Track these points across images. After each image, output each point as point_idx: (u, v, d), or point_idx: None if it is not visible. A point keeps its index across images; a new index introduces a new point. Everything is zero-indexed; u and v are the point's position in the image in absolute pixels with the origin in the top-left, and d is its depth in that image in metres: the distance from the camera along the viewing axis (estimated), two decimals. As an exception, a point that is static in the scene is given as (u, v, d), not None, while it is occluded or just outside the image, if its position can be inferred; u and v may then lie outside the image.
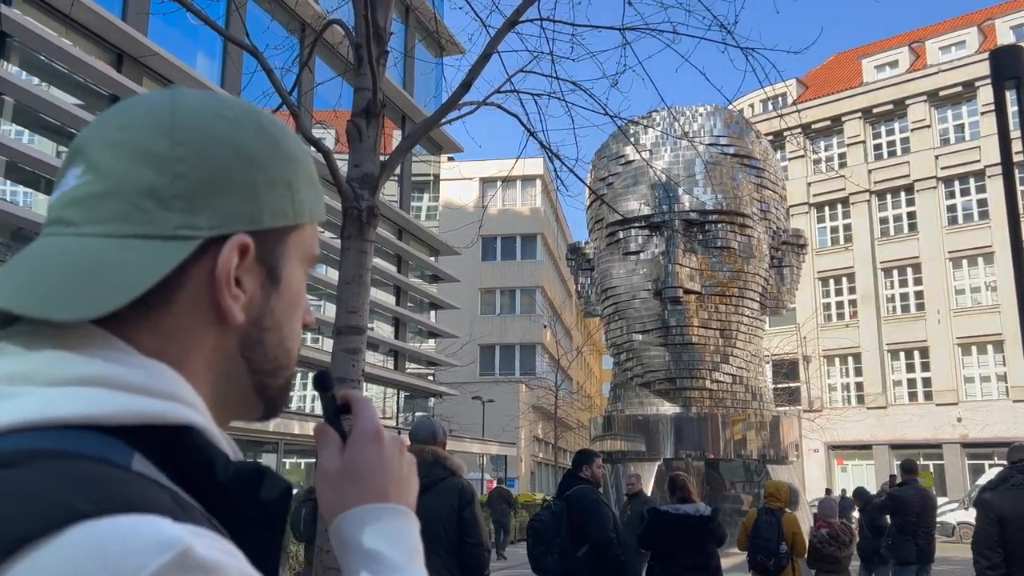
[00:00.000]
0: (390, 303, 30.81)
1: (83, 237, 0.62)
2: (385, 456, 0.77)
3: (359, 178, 6.41)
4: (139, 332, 0.63)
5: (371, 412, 0.79)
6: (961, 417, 33.80)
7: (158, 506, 0.51)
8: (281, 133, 0.72)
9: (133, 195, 0.63)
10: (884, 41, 43.18)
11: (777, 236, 15.91)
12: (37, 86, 16.93)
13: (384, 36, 6.73)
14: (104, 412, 0.57)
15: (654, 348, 15.07)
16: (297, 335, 0.75)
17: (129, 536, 0.48)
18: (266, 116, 0.72)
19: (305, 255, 0.75)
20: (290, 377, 0.74)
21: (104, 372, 0.59)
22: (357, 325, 6.22)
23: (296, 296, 0.74)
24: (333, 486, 0.76)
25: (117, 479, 0.52)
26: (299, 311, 0.75)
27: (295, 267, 0.73)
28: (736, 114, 15.85)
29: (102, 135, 0.66)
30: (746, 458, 15.26)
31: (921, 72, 37.36)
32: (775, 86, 7.50)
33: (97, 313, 0.58)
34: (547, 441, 45.75)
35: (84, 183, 0.64)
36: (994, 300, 34.09)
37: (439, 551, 4.46)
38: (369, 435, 0.77)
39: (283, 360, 0.73)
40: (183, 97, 0.68)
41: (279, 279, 0.71)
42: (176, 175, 0.63)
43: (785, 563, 7.26)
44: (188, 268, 0.64)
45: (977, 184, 35.84)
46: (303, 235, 0.74)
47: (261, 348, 0.70)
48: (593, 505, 5.80)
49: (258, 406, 0.73)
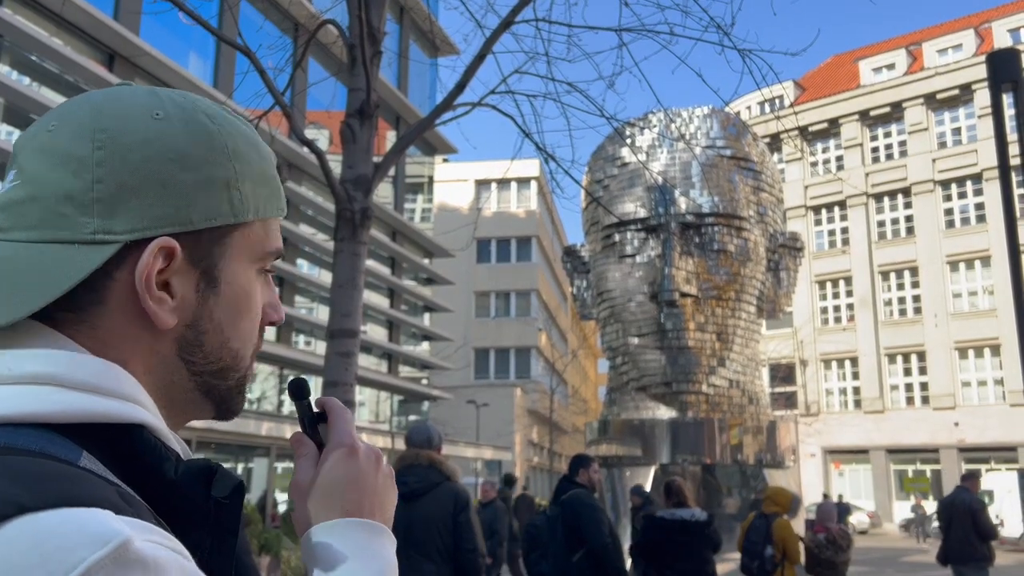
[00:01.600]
0: (384, 306, 30.71)
1: (10, 243, 0.63)
2: (360, 470, 0.75)
3: (352, 179, 6.33)
4: (79, 335, 0.64)
5: (346, 423, 0.78)
6: (958, 421, 33.77)
7: (101, 500, 0.51)
8: (220, 130, 0.70)
9: (52, 200, 0.63)
10: (881, 43, 43.23)
11: (774, 239, 15.86)
12: (28, 86, 16.82)
13: (378, 36, 6.65)
14: (52, 410, 0.58)
15: (650, 352, 14.99)
16: (247, 337, 0.73)
17: (68, 529, 0.48)
18: (206, 113, 0.70)
19: (255, 253, 0.73)
20: (241, 379, 0.73)
21: (53, 370, 0.59)
22: (350, 328, 6.14)
23: (241, 296, 0.72)
24: (305, 499, 0.75)
25: (60, 474, 0.53)
26: (248, 311, 0.73)
27: (240, 267, 0.71)
28: (733, 116, 15.78)
29: (33, 140, 0.67)
30: (743, 463, 15.19)
31: (918, 75, 37.38)
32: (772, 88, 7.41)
33: (16, 316, 0.59)
34: (542, 446, 45.66)
35: (12, 188, 0.65)
36: (991, 304, 34.09)
37: (433, 557, 4.43)
38: (343, 448, 0.76)
39: (229, 362, 0.71)
40: (115, 96, 0.68)
41: (216, 281, 0.69)
42: (95, 179, 0.63)
43: (771, 568, 7.18)
44: (114, 272, 0.64)
45: (975, 187, 35.85)
46: (250, 233, 0.72)
47: (200, 351, 0.69)
48: (589, 510, 5.75)
49: (207, 407, 0.72)
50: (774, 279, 15.86)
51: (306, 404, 0.78)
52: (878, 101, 38.09)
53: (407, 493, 4.43)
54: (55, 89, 17.66)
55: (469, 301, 42.50)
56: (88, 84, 17.88)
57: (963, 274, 35.58)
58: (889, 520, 34.14)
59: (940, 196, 36.61)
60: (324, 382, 5.97)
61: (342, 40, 6.77)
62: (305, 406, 0.78)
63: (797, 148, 33.07)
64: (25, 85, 16.73)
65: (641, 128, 14.59)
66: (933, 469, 34.42)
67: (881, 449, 35.52)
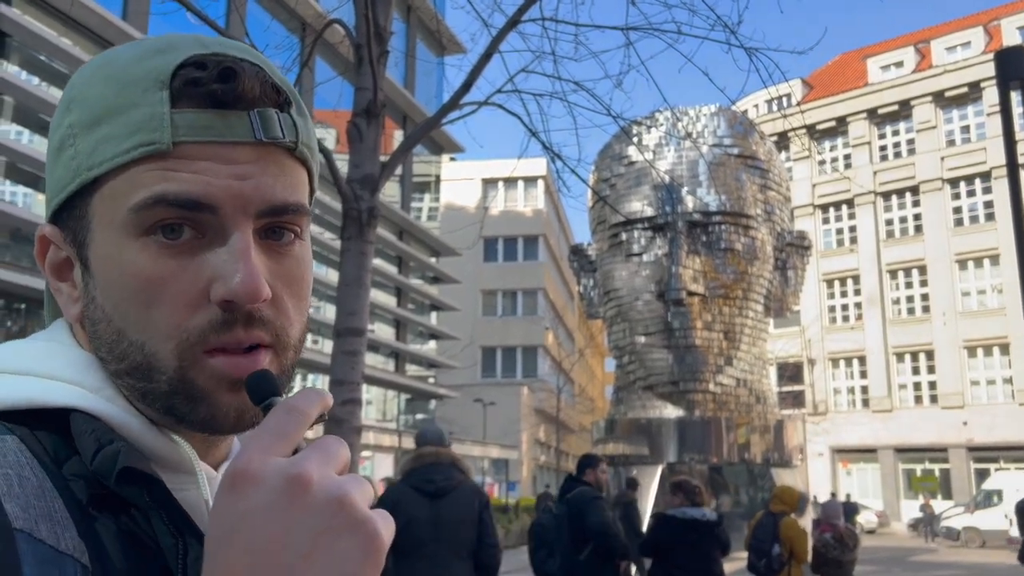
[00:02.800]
0: (391, 304, 30.76)
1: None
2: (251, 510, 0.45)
3: (359, 179, 6.34)
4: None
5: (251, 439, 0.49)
6: (967, 420, 33.63)
7: None
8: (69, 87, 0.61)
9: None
10: (889, 41, 43.06)
11: (781, 238, 15.81)
12: (37, 86, 16.89)
13: (385, 35, 6.65)
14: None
15: (657, 351, 14.97)
16: (151, 324, 0.55)
17: None
18: (86, 66, 0.62)
19: (119, 215, 0.56)
20: (177, 381, 0.56)
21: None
22: (357, 327, 6.15)
23: (115, 274, 0.56)
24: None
25: None
26: (145, 292, 0.55)
27: (106, 237, 0.57)
28: (740, 115, 15.75)
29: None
30: (750, 462, 15.15)
31: (927, 73, 37.22)
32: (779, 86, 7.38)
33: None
34: (549, 444, 45.65)
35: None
36: (1000, 303, 33.93)
37: (461, 554, 4.48)
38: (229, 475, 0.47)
39: (137, 357, 0.56)
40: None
41: (86, 260, 0.58)
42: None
43: (778, 566, 7.17)
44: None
45: (983, 186, 35.68)
46: (108, 192, 0.56)
47: (103, 344, 0.58)
48: (595, 504, 5.81)
49: (160, 415, 0.58)
50: (781, 278, 15.82)
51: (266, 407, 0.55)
52: (886, 99, 37.94)
53: (434, 491, 4.47)
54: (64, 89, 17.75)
55: (476, 300, 42.51)
56: (96, 84, 17.95)
57: (972, 272, 35.43)
58: (897, 519, 34.03)
59: (948, 194, 36.46)
60: (331, 381, 5.99)
61: (349, 39, 6.78)
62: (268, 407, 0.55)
63: (804, 146, 32.96)
64: (34, 85, 16.80)
65: (648, 127, 14.56)
66: (942, 468, 34.29)
67: (889, 448, 35.40)
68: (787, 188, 16.44)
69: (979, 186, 35.81)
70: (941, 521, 27.29)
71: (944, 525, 26.77)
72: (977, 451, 33.58)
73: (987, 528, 25.01)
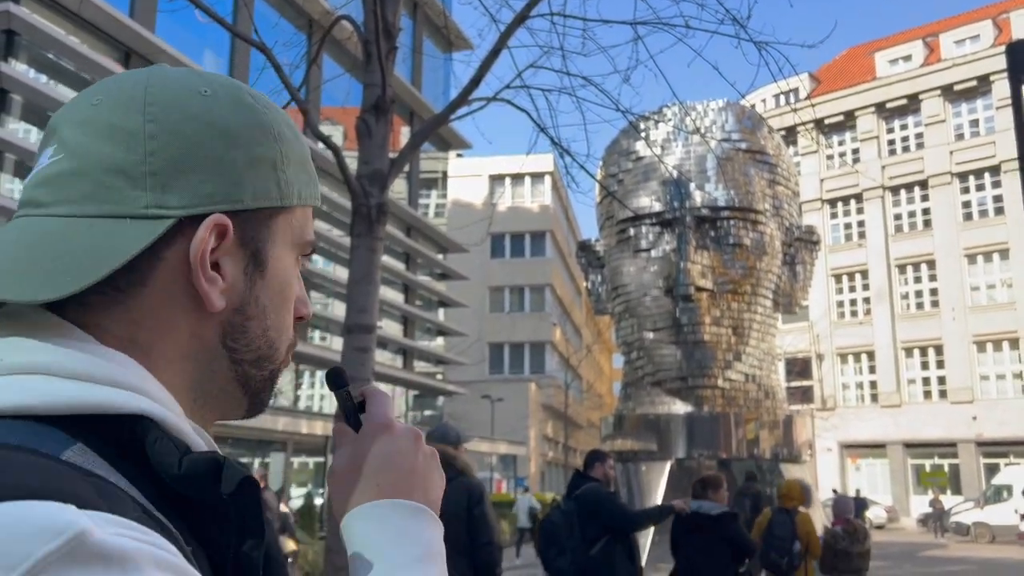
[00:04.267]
0: (399, 301, 30.78)
1: (54, 218, 0.60)
2: (396, 448, 0.73)
3: (368, 175, 6.34)
4: (108, 318, 0.61)
5: (382, 404, 0.76)
6: (976, 415, 33.51)
7: (64, 493, 0.47)
8: (266, 110, 0.68)
9: (101, 173, 0.60)
10: (898, 35, 42.86)
11: (790, 232, 15.77)
12: (45, 84, 16.94)
13: (393, 32, 6.66)
14: (37, 402, 0.54)
15: (665, 346, 14.95)
16: (284, 327, 0.70)
17: (18, 522, 0.45)
18: (251, 93, 0.69)
19: (295, 241, 0.70)
20: (275, 371, 0.70)
21: (46, 360, 0.56)
22: (367, 323, 6.17)
23: (284, 284, 0.70)
24: (341, 483, 0.72)
25: (24, 467, 0.49)
26: (288, 301, 0.71)
27: (283, 253, 0.69)
28: (748, 109, 15.70)
29: (75, 113, 0.64)
30: (759, 458, 15.13)
31: (935, 66, 37.05)
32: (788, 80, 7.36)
33: (55, 295, 0.56)
34: (557, 440, 45.66)
35: (54, 162, 0.62)
36: (1010, 297, 33.79)
37: (448, 552, 4.40)
38: (378, 427, 0.74)
39: (265, 351, 0.68)
40: (159, 73, 0.66)
41: (264, 264, 0.67)
42: (147, 152, 0.61)
43: (798, 563, 7.17)
44: (161, 250, 0.61)
45: (992, 180, 35.51)
46: (292, 219, 0.70)
47: (244, 337, 0.66)
48: (608, 499, 5.82)
49: (241, 401, 0.69)
50: (790, 273, 15.78)
51: (344, 393, 0.75)
52: (894, 93, 37.78)
53: None
54: (72, 87, 17.78)
55: (483, 296, 42.52)
56: (105, 82, 17.99)
57: (981, 267, 35.28)
58: (906, 515, 33.95)
59: (957, 188, 36.31)
60: (341, 377, 5.99)
61: (357, 36, 6.78)
62: (344, 395, 0.75)
63: (813, 141, 32.85)
64: (42, 83, 16.85)
65: (656, 122, 14.53)
66: (951, 463, 34.19)
67: (898, 443, 35.31)
68: (796, 183, 16.39)
69: (988, 180, 35.64)
70: (951, 516, 27.22)
71: (954, 520, 26.70)
72: (986, 446, 33.47)
73: (997, 523, 24.93)
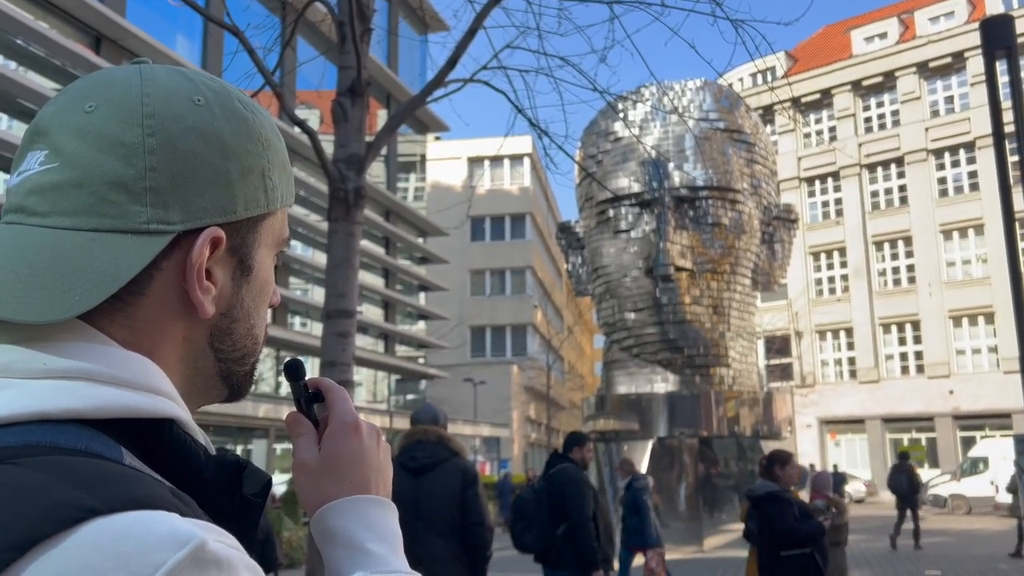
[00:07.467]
0: (379, 286, 30.69)
1: (51, 230, 0.61)
2: (364, 447, 0.77)
3: (345, 159, 6.28)
4: (112, 325, 0.62)
5: (347, 403, 0.79)
6: (953, 390, 33.97)
7: (165, 501, 0.51)
8: (254, 118, 0.70)
9: (101, 186, 0.61)
10: (873, 12, 42.98)
11: (768, 211, 15.84)
12: (15, 71, 16.66)
13: (368, 13, 6.58)
14: (87, 406, 0.56)
15: (647, 326, 15.02)
16: (264, 321, 0.75)
17: (144, 532, 0.48)
18: (239, 99, 0.70)
19: (275, 240, 0.74)
20: (255, 362, 0.74)
21: (85, 365, 0.58)
22: (346, 308, 6.13)
23: (265, 283, 0.73)
24: (313, 477, 0.76)
25: (120, 475, 0.52)
26: (267, 297, 0.74)
27: (265, 254, 0.73)
28: (726, 88, 15.71)
29: (68, 118, 0.63)
30: (739, 435, 15.27)
31: (911, 43, 37.22)
32: (765, 59, 7.36)
33: (74, 312, 0.57)
34: (540, 422, 45.85)
35: (49, 170, 0.62)
36: (985, 272, 34.18)
37: (442, 531, 4.46)
38: (348, 427, 0.77)
39: (250, 347, 0.73)
40: (153, 80, 0.65)
41: (250, 269, 0.70)
42: (147, 167, 0.62)
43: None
44: (159, 262, 0.63)
45: (967, 156, 35.81)
46: (274, 221, 0.73)
47: (230, 338, 0.70)
48: (575, 484, 5.79)
49: (222, 391, 0.73)
50: (768, 251, 15.87)
51: (301, 384, 0.79)
52: (870, 71, 37.94)
53: (416, 468, 4.50)
54: (42, 73, 17.50)
55: (464, 279, 42.48)
56: (75, 67, 17.71)
57: (956, 243, 35.64)
58: (885, 489, 34.41)
59: (933, 165, 36.59)
60: (321, 362, 5.97)
61: (331, 18, 6.70)
62: (300, 386, 0.79)
63: (790, 119, 32.96)
64: (12, 69, 16.57)
65: (634, 102, 14.50)
66: (928, 438, 34.66)
67: (876, 418, 35.74)
68: (773, 161, 16.45)
69: (963, 156, 35.94)
70: (928, 489, 27.63)
71: (931, 493, 27.09)
72: (963, 419, 33.95)
73: (973, 495, 25.34)
